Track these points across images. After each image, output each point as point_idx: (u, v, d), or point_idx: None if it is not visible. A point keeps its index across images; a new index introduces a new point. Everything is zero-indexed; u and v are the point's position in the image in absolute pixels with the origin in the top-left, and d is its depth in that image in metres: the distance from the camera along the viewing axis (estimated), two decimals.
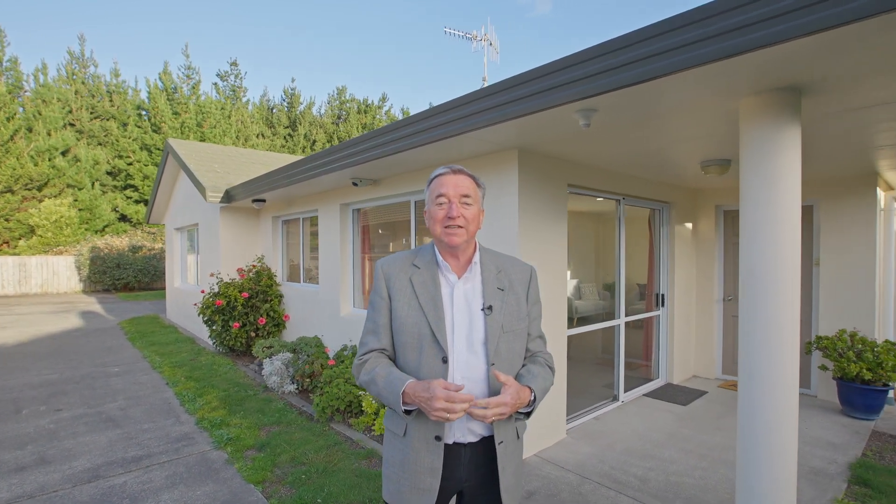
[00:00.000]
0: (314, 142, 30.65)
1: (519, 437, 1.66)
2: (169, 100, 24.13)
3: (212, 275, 7.43)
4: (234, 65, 30.22)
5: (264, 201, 7.12)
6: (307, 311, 6.80)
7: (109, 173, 22.93)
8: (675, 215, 5.73)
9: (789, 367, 2.43)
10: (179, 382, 5.85)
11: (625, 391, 5.08)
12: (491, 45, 11.70)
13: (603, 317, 5.09)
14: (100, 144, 22.86)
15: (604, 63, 2.41)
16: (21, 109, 20.50)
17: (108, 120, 23.28)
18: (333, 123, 32.61)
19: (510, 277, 1.65)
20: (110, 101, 23.83)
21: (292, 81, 45.23)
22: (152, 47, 46.36)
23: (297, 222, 7.52)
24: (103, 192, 22.31)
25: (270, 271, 7.65)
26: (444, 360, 1.52)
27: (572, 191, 4.37)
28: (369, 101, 33.90)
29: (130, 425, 4.49)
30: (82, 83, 23.29)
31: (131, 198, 23.08)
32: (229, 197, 7.27)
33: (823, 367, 4.83)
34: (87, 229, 20.22)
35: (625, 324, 5.09)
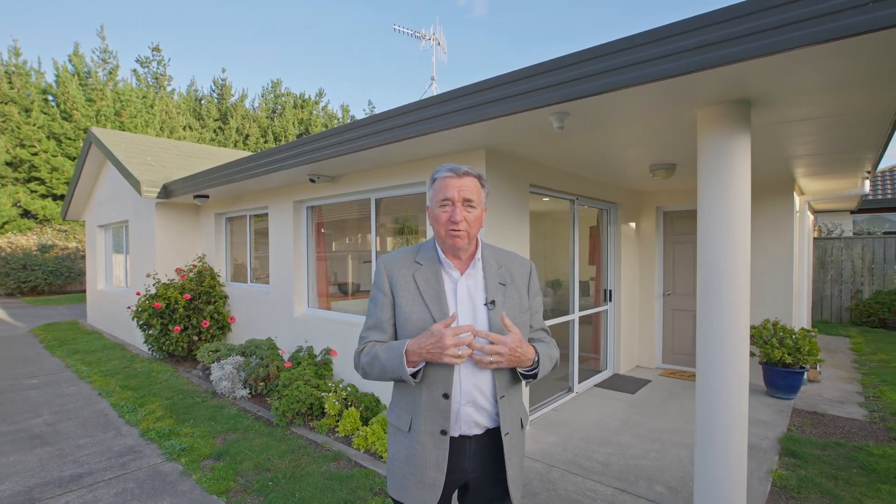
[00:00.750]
0: (247, 136, 29.18)
1: (523, 427, 1.71)
2: (82, 85, 21.97)
3: (148, 275, 6.89)
4: (157, 50, 28.05)
5: (208, 197, 6.72)
6: (256, 313, 6.51)
7: (9, 164, 20.50)
8: (621, 215, 6.09)
9: (741, 351, 2.68)
10: (114, 392, 5.39)
11: (578, 382, 5.33)
12: (439, 44, 11.75)
13: (559, 312, 5.32)
14: None
15: (582, 70, 2.53)
16: None
17: (6, 104, 20.81)
18: (268, 118, 31.23)
19: (511, 272, 1.69)
20: (9, 83, 21.30)
21: (223, 72, 42.75)
22: (60, 27, 42.01)
23: (243, 219, 7.16)
24: (2, 184, 19.94)
25: (213, 271, 7.23)
26: None
27: (533, 191, 4.53)
28: (306, 96, 32.80)
29: (63, 441, 4.09)
30: None
31: (37, 192, 20.75)
32: (168, 192, 6.78)
33: (752, 354, 5.33)
34: None
35: (578, 318, 5.35)
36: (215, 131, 28.74)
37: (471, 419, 1.58)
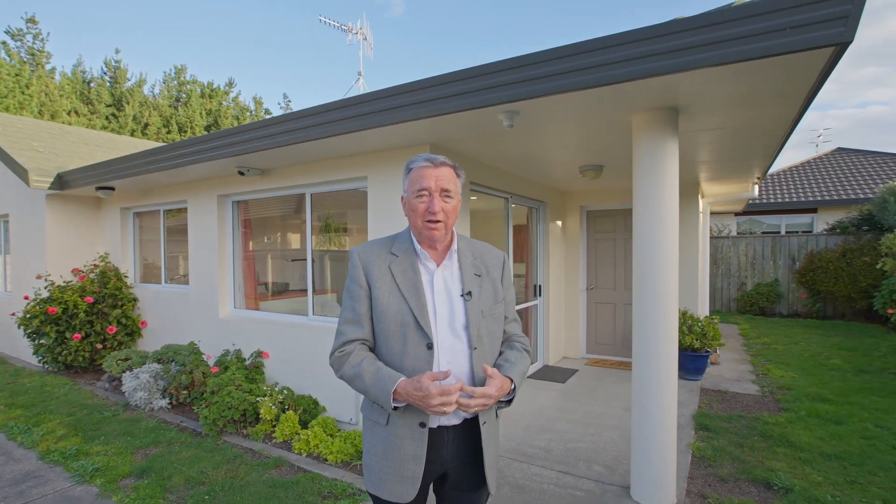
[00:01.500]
0: (146, 125, 26.50)
1: (497, 416, 1.73)
2: None
3: (39, 277, 6.04)
4: (32, 22, 24.47)
5: (113, 189, 6.04)
6: (173, 316, 5.98)
7: None
8: (548, 214, 6.40)
9: (672, 335, 2.95)
10: None
11: None
12: (365, 39, 11.54)
13: None
14: None
15: (534, 71, 2.64)
16: None
17: None
18: (171, 106, 28.65)
19: (486, 263, 1.70)
20: None
21: (116, 53, 38.29)
22: None
23: (155, 215, 6.54)
24: None
25: (119, 271, 6.52)
26: (430, 347, 1.53)
27: (472, 188, 4.62)
28: (215, 86, 30.57)
29: None
30: None
31: None
32: (63, 183, 6.00)
33: None
34: None
35: None
36: (108, 118, 25.76)
37: None
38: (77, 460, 3.59)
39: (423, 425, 1.54)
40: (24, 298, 6.03)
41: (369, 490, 1.64)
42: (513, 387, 1.57)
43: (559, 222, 6.79)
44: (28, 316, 5.73)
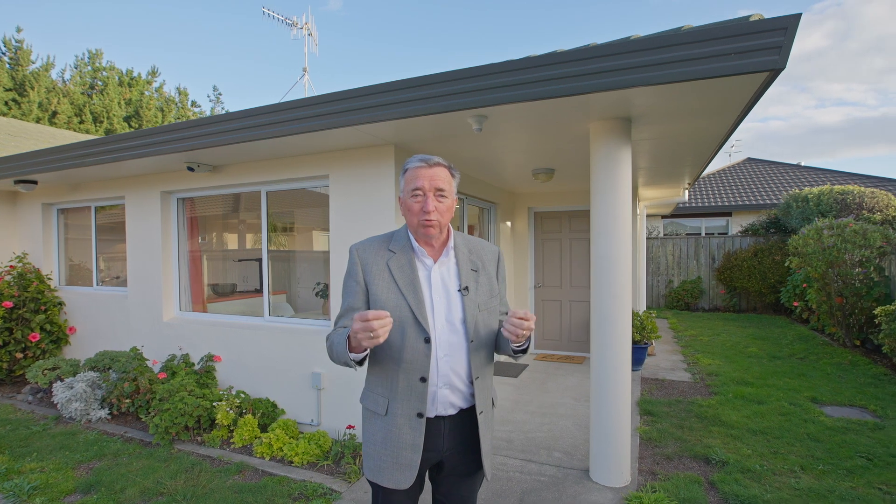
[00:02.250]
0: (55, 113, 24.06)
1: (493, 405, 1.81)
2: None
3: None
4: None
5: (35, 183, 5.52)
6: (108, 321, 5.56)
7: None
8: (499, 214, 6.62)
9: (626, 329, 3.21)
10: None
11: None
12: (310, 35, 11.29)
13: None
14: None
15: (503, 79, 2.77)
16: None
17: None
18: (84, 94, 26.25)
19: (481, 258, 1.76)
20: None
21: (18, 32, 34.60)
22: None
23: (84, 212, 6.04)
24: None
25: (41, 273, 5.96)
26: (427, 341, 1.58)
27: None
28: (135, 74, 28.42)
29: None
30: None
31: None
32: None
33: None
34: None
35: None
36: (7, 104, 23.15)
37: (447, 400, 1.64)
38: (8, 480, 3.29)
39: (420, 416, 1.60)
40: None
41: (368, 477, 1.69)
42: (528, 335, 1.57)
43: (508, 223, 7.04)
44: None
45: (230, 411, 3.98)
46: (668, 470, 3.35)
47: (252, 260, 6.12)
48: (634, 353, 5.85)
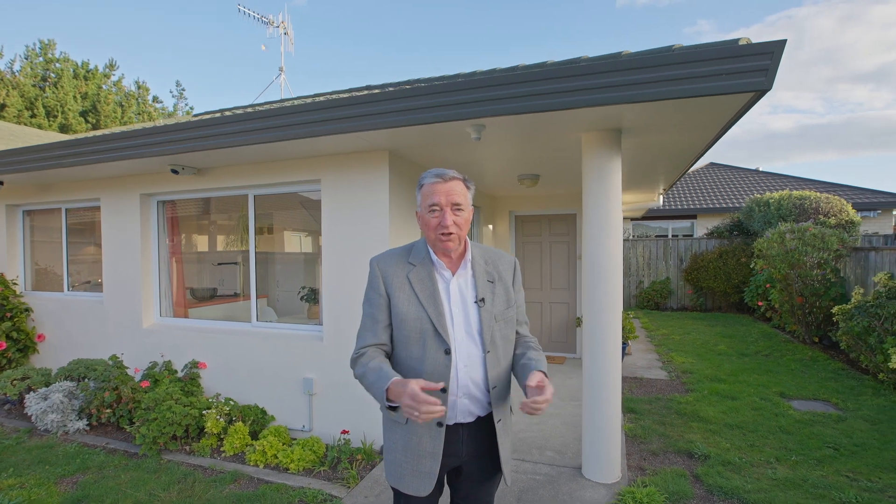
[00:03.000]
0: (3, 106, 22.70)
1: (511, 412, 1.85)
2: None
3: None
4: None
5: (1, 184, 5.26)
6: (82, 328, 5.35)
7: None
8: (482, 218, 6.73)
9: (616, 332, 3.35)
10: None
11: None
12: (286, 34, 11.13)
13: None
14: None
15: (501, 92, 2.86)
16: None
17: None
18: (36, 86, 24.90)
19: (498, 268, 1.80)
20: None
21: None
22: None
23: (54, 214, 5.79)
24: None
25: (4, 278, 5.67)
26: (447, 352, 1.62)
27: None
28: (91, 66, 27.16)
29: None
30: None
31: None
32: None
33: None
34: None
35: None
36: None
37: (466, 409, 1.68)
38: None
39: (440, 424, 1.64)
40: None
41: (390, 483, 1.73)
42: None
43: (490, 226, 7.15)
44: None
45: (220, 419, 3.91)
46: (655, 465, 3.51)
47: (231, 263, 6.01)
48: None
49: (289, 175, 4.23)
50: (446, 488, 1.88)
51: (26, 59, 25.74)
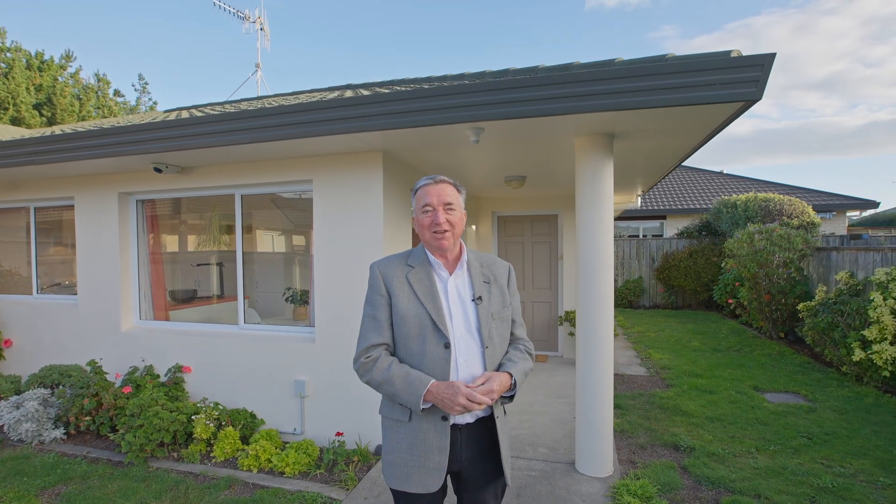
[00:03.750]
0: None
1: (506, 413, 1.88)
2: None
3: None
4: None
5: None
6: (53, 332, 5.12)
7: None
8: (466, 218, 6.77)
9: (608, 331, 3.45)
10: None
11: None
12: (262, 29, 10.90)
13: None
14: None
15: (501, 96, 2.90)
16: None
17: None
18: None
19: (493, 271, 1.86)
20: None
21: None
22: None
23: (18, 213, 5.52)
24: None
25: None
26: (447, 346, 1.66)
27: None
28: (46, 57, 25.84)
29: None
30: None
31: None
32: None
33: (572, 334, 6.63)
34: None
35: None
36: None
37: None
38: None
39: (445, 419, 1.67)
40: None
41: (393, 486, 1.73)
42: (513, 382, 1.69)
43: (474, 227, 7.21)
44: None
45: (209, 424, 3.83)
46: (644, 458, 3.64)
47: (212, 264, 5.86)
48: None
49: (279, 175, 4.17)
50: (450, 491, 1.89)
51: None
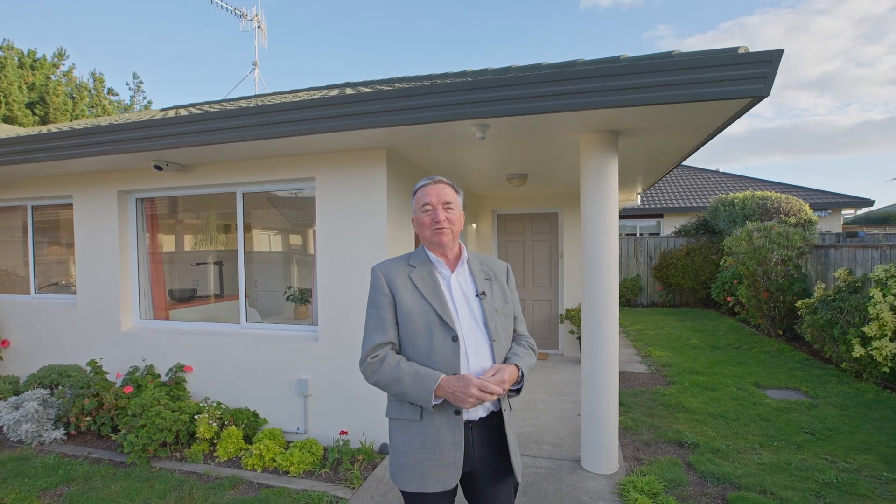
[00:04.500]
0: None
1: (510, 408, 1.86)
2: None
3: None
4: None
5: None
6: (52, 332, 5.06)
7: None
8: (466, 216, 6.77)
9: (614, 327, 3.45)
10: None
11: None
12: (259, 27, 10.83)
13: None
14: None
15: (508, 92, 2.90)
16: None
17: None
18: None
19: (493, 269, 1.88)
20: None
21: None
22: None
23: (15, 211, 5.46)
24: None
25: None
26: (455, 339, 1.65)
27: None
28: (38, 55, 25.58)
29: None
30: None
31: None
32: None
33: (572, 332, 6.64)
34: None
35: None
36: None
37: None
38: None
39: (458, 413, 1.66)
40: None
41: (406, 489, 1.70)
42: (520, 374, 1.70)
43: (474, 224, 7.20)
44: None
45: (212, 423, 3.80)
46: (649, 455, 3.65)
47: (211, 263, 5.83)
48: None
49: (281, 172, 4.15)
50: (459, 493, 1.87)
51: None
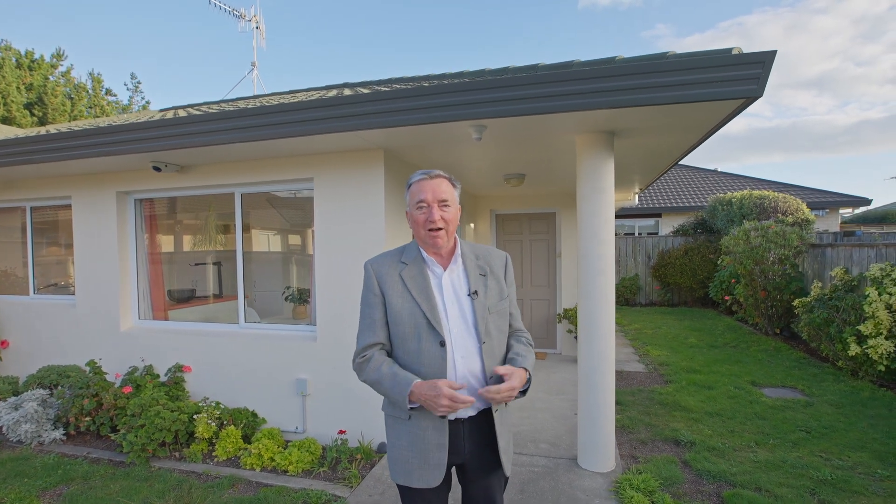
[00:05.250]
0: None
1: (507, 404, 1.85)
2: None
3: None
4: None
5: None
6: (51, 332, 5.08)
7: None
8: (464, 216, 6.79)
9: (610, 326, 3.47)
10: None
11: None
12: (258, 28, 10.84)
13: None
14: None
15: (507, 93, 2.92)
16: None
17: None
18: None
19: (489, 262, 1.80)
20: None
21: None
22: None
23: (14, 212, 5.47)
24: None
25: None
26: (442, 344, 1.64)
27: None
28: (36, 56, 25.55)
29: None
30: None
31: None
32: None
33: (570, 331, 6.66)
34: None
35: None
36: None
37: None
38: None
39: (443, 416, 1.65)
40: None
41: (397, 481, 1.74)
42: (528, 376, 1.70)
43: (472, 224, 7.22)
44: None
45: (211, 423, 3.82)
46: (646, 453, 3.67)
47: (209, 264, 5.84)
48: None
49: (279, 173, 4.17)
50: (455, 487, 1.90)
51: None
